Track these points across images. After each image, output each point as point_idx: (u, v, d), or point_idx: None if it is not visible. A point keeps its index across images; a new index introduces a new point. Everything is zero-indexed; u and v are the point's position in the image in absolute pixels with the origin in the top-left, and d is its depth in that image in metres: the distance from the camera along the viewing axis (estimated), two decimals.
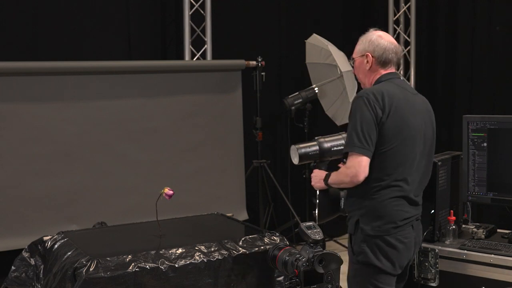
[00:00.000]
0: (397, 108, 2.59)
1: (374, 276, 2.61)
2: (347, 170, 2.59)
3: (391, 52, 2.73)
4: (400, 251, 2.62)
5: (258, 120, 5.19)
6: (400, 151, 2.59)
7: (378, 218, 2.58)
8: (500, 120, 3.22)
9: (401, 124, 2.59)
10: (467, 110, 5.58)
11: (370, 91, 2.60)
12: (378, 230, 2.58)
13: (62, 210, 4.32)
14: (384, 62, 2.73)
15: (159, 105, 4.72)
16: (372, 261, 2.59)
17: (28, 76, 4.18)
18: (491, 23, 5.69)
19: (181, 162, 4.80)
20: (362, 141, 2.53)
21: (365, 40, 2.77)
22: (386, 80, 2.71)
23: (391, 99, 2.58)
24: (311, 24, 5.85)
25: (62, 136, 4.33)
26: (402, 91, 2.68)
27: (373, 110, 2.55)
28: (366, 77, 2.78)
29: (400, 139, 2.59)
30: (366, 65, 2.75)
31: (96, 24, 4.76)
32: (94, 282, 2.31)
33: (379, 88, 2.63)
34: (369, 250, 2.59)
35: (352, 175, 2.56)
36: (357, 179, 2.55)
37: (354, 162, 2.55)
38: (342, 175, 2.65)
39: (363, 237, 2.60)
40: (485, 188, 3.25)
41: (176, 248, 2.53)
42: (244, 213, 5.13)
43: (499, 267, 2.95)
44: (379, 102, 2.56)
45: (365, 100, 2.56)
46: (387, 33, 2.83)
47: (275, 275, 2.70)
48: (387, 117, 2.56)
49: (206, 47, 5.12)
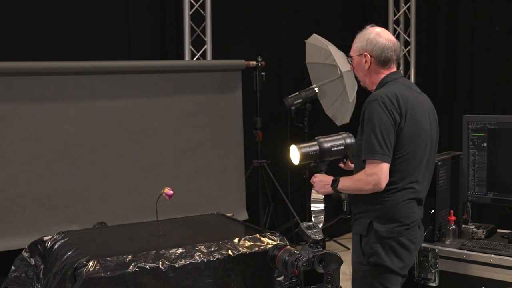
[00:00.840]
0: (412, 111, 2.56)
1: (385, 277, 2.60)
2: (368, 177, 2.52)
3: (390, 51, 2.69)
4: (411, 252, 2.64)
5: (258, 120, 5.19)
6: (416, 154, 2.58)
7: (393, 220, 2.57)
8: (500, 120, 3.22)
9: (416, 128, 2.58)
10: (467, 110, 5.58)
11: (384, 95, 2.55)
12: (392, 231, 2.57)
13: (62, 210, 4.32)
14: (383, 61, 2.69)
15: (159, 105, 4.72)
16: (385, 262, 2.57)
17: (28, 76, 4.18)
18: (491, 23, 5.69)
19: (181, 162, 4.80)
20: (383, 147, 2.49)
21: (363, 38, 2.71)
22: (393, 80, 2.68)
23: (406, 103, 2.55)
24: (311, 24, 5.85)
25: (62, 136, 4.33)
26: (411, 92, 2.65)
27: (391, 114, 2.51)
28: (366, 76, 2.75)
29: (415, 143, 2.58)
30: (364, 65, 2.71)
31: (96, 24, 4.76)
32: (94, 282, 2.31)
33: (392, 91, 2.57)
34: (383, 251, 2.57)
35: (374, 183, 2.51)
36: (380, 187, 2.52)
37: (376, 169, 2.50)
38: (362, 182, 2.56)
39: (376, 238, 2.58)
40: (485, 188, 3.25)
41: (176, 248, 2.53)
42: (244, 213, 5.13)
43: (499, 267, 2.95)
44: (395, 106, 2.52)
45: (381, 104, 2.51)
46: (385, 29, 2.77)
47: (275, 275, 2.69)
48: (405, 122, 2.53)
49: (206, 47, 5.12)
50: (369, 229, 2.60)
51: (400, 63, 6.38)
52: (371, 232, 2.59)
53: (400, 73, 2.78)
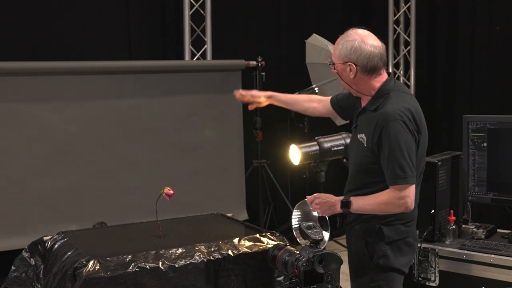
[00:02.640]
0: (422, 124, 2.54)
1: (392, 278, 2.59)
2: (399, 201, 2.45)
3: (376, 58, 2.53)
4: (415, 249, 2.68)
5: (258, 120, 5.19)
6: (422, 162, 2.59)
7: (399, 223, 2.57)
8: (500, 120, 3.22)
9: (426, 139, 2.58)
10: (467, 110, 5.58)
11: (402, 112, 2.46)
12: (401, 233, 2.57)
13: (62, 210, 4.32)
14: (370, 70, 2.54)
15: (159, 105, 4.72)
16: (393, 263, 2.57)
17: (28, 76, 4.18)
18: (491, 23, 5.69)
19: (181, 162, 4.80)
20: (412, 169, 2.44)
21: (346, 46, 2.56)
22: (393, 91, 2.57)
23: (419, 116, 2.51)
24: (311, 24, 5.84)
25: (62, 136, 4.33)
26: (414, 100, 2.61)
27: (412, 134, 2.46)
28: (352, 84, 2.62)
29: (424, 153, 2.59)
30: (349, 74, 2.57)
31: (96, 24, 4.76)
32: (94, 282, 2.31)
33: (405, 107, 2.49)
34: (391, 252, 2.56)
35: (406, 206, 2.46)
36: (410, 209, 2.48)
37: (408, 192, 2.44)
38: (392, 206, 2.47)
39: (385, 242, 2.56)
40: (485, 188, 3.25)
41: (176, 248, 2.53)
42: (244, 213, 5.13)
43: (499, 267, 2.95)
44: (413, 124, 2.48)
45: (402, 124, 2.44)
46: (369, 32, 2.60)
47: (275, 275, 2.69)
48: (420, 138, 2.52)
49: (206, 47, 5.12)
50: (378, 234, 2.57)
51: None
52: (380, 236, 2.56)
53: (393, 78, 2.66)
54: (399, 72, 6.31)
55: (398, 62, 6.34)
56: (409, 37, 6.30)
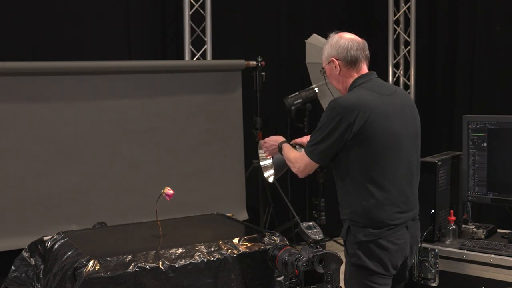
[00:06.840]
0: (374, 117, 2.51)
1: (369, 278, 2.59)
2: (296, 164, 2.70)
3: (355, 49, 2.62)
4: (392, 252, 2.58)
5: (258, 120, 5.19)
6: (388, 160, 2.59)
7: (369, 224, 2.56)
8: (500, 120, 3.22)
9: (386, 139, 2.54)
10: (467, 110, 5.58)
11: (339, 102, 2.55)
12: (370, 235, 2.55)
13: (62, 210, 4.32)
14: (351, 61, 2.63)
15: (159, 105, 4.72)
16: (366, 263, 2.56)
17: (28, 76, 4.19)
18: (491, 23, 5.69)
19: (181, 162, 4.80)
20: (318, 150, 2.58)
21: (327, 46, 2.68)
22: (358, 86, 2.62)
23: (370, 112, 2.50)
24: (311, 24, 5.85)
25: (62, 136, 4.33)
26: (375, 96, 2.57)
27: (341, 122, 2.50)
28: (340, 83, 2.71)
29: (384, 151, 2.55)
30: (335, 71, 2.67)
31: (96, 24, 4.76)
32: (94, 282, 2.31)
33: (350, 98, 2.56)
34: (362, 253, 2.56)
35: (295, 170, 2.71)
36: (298, 175, 2.71)
37: (303, 163, 2.66)
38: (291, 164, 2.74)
39: (355, 241, 2.57)
40: (485, 188, 3.25)
41: (176, 248, 2.53)
42: (244, 213, 5.14)
43: (499, 267, 2.95)
44: (349, 115, 2.50)
45: (333, 111, 2.54)
46: (349, 33, 2.71)
47: (275, 275, 2.70)
48: (362, 131, 2.51)
49: (206, 47, 5.12)
50: (348, 234, 2.61)
51: (397, 62, 6.39)
52: (350, 236, 2.59)
53: (370, 75, 2.68)
54: (399, 72, 6.31)
55: (398, 62, 6.34)
56: (409, 37, 6.30)
